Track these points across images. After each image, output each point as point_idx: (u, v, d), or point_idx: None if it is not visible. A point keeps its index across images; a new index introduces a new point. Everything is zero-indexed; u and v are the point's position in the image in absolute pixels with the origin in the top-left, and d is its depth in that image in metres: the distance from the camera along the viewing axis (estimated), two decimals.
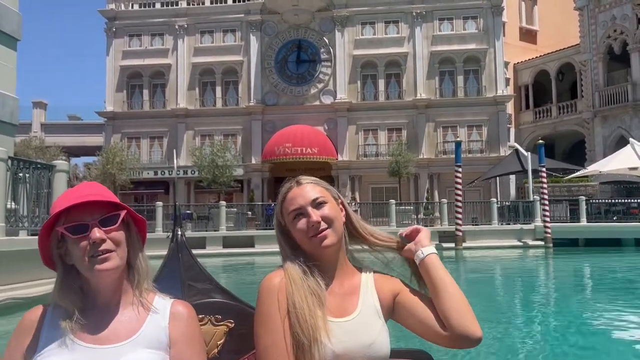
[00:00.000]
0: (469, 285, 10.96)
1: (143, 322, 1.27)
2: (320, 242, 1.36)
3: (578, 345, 5.37)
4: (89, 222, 1.22)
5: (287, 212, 1.41)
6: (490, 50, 30.50)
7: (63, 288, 1.25)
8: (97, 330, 1.23)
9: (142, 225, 1.34)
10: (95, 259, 1.21)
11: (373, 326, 1.35)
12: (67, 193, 1.27)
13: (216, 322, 1.60)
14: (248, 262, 17.17)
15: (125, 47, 32.02)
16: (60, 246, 1.25)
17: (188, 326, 1.29)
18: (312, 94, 31.06)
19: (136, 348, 1.22)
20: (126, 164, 24.87)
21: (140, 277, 1.31)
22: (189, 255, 1.82)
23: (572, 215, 22.16)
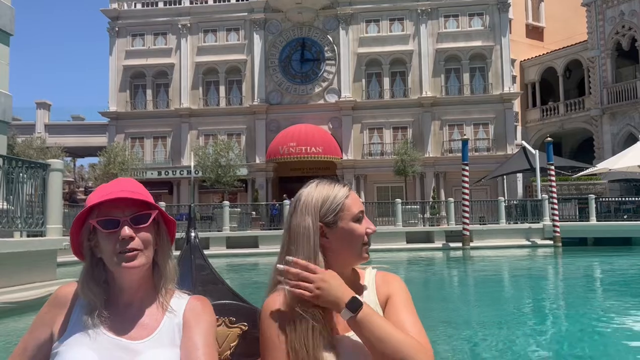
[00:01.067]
0: (477, 287, 10.68)
1: (161, 320, 1.28)
2: (366, 255, 1.37)
3: (591, 349, 5.19)
4: (121, 218, 1.23)
5: (350, 212, 1.37)
6: (497, 47, 30.14)
7: (88, 280, 1.26)
8: (120, 325, 1.25)
9: (172, 226, 1.34)
10: (123, 256, 1.22)
11: None
12: (103, 187, 1.29)
13: (230, 324, 1.60)
14: (252, 262, 16.94)
15: (128, 47, 31.87)
16: (91, 238, 1.26)
17: (200, 315, 1.30)
18: (316, 93, 30.80)
19: (154, 346, 1.23)
20: (128, 164, 24.67)
21: (166, 278, 1.31)
22: (202, 258, 1.85)
23: (581, 214, 21.80)
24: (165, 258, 1.32)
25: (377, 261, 1.45)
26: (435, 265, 16.32)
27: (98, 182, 25.54)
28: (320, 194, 1.38)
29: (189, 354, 1.25)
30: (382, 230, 21.13)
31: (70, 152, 37.47)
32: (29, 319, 5.79)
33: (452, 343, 5.32)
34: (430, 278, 12.97)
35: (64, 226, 16.31)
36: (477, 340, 5.55)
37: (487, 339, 5.57)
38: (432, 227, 22.18)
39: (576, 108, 31.65)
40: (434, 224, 22.86)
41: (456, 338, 5.59)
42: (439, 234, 20.84)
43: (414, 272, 14.19)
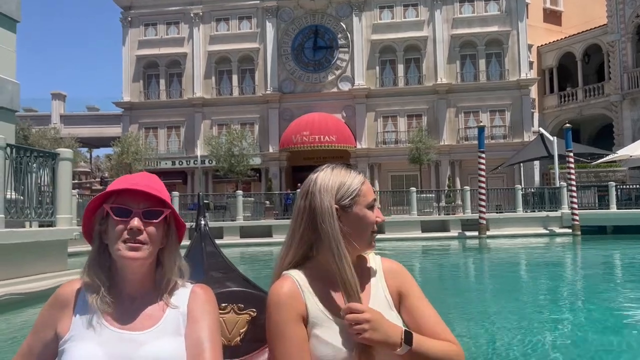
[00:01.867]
0: (494, 277, 10.44)
1: (165, 311, 1.29)
2: (374, 241, 1.39)
3: (615, 343, 4.95)
4: (134, 209, 1.26)
5: (365, 199, 1.37)
6: (514, 32, 29.53)
7: (94, 264, 1.29)
8: (123, 318, 1.26)
9: (182, 229, 1.36)
10: (126, 245, 1.24)
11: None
12: (125, 177, 1.33)
13: (239, 311, 1.61)
14: (266, 252, 16.85)
15: (141, 37, 31.80)
16: (102, 223, 1.28)
17: (203, 303, 1.32)
18: (329, 81, 30.50)
19: (159, 336, 1.25)
20: (142, 154, 24.67)
21: (169, 278, 1.32)
22: (212, 245, 1.88)
23: (601, 202, 21.37)
24: (170, 258, 1.33)
25: (393, 250, 1.27)
26: (452, 255, 16.10)
27: (112, 172, 25.61)
28: (337, 177, 1.38)
29: (195, 345, 1.26)
30: (397, 220, 20.95)
31: (86, 143, 37.68)
32: (37, 311, 5.72)
33: (473, 337, 5.13)
34: (446, 268, 12.76)
35: (77, 216, 16.38)
36: (497, 332, 5.38)
37: (507, 331, 5.38)
38: (447, 215, 21.90)
39: (595, 94, 30.98)
40: (449, 213, 22.58)
41: (478, 331, 5.40)
42: (455, 222, 20.57)
43: (430, 262, 13.99)
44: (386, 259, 1.46)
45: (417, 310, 1.36)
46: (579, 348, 4.78)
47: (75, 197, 16.04)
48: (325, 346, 1.26)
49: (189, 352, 1.26)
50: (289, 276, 1.34)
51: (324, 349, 1.26)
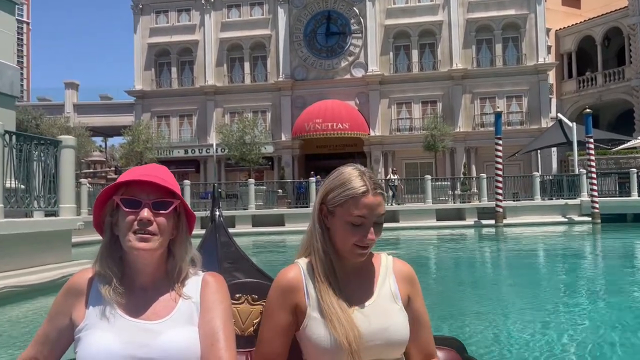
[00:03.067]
0: (512, 268, 10.07)
1: (178, 300, 1.29)
2: (361, 256, 1.37)
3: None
4: (144, 200, 1.26)
5: (349, 212, 1.35)
6: (531, 15, 28.78)
7: (105, 256, 1.30)
8: (137, 308, 1.27)
9: (192, 220, 1.36)
10: (136, 236, 1.24)
11: (389, 311, 1.36)
12: (134, 169, 1.33)
13: (253, 302, 1.62)
14: (278, 241, 16.68)
15: (152, 24, 31.59)
16: (113, 215, 1.29)
17: (215, 292, 1.32)
18: (342, 67, 30.06)
19: (173, 326, 1.25)
20: (153, 142, 24.52)
21: (181, 269, 1.32)
22: (227, 236, 1.90)
23: (621, 189, 20.81)
24: (181, 249, 1.33)
25: (408, 239, 1.02)
26: (468, 244, 15.75)
27: (123, 160, 25.55)
28: (342, 179, 1.39)
29: (209, 335, 1.27)
30: (412, 208, 20.62)
31: (100, 132, 37.72)
32: (41, 302, 5.50)
33: (492, 333, 4.83)
34: (463, 259, 12.43)
35: (89, 205, 16.30)
36: (513, 331, 5.02)
37: (524, 330, 5.03)
38: (463, 204, 21.48)
39: (615, 78, 30.16)
40: (465, 201, 22.16)
41: (494, 331, 5.09)
42: (471, 211, 20.17)
43: (445, 252, 13.67)
44: (398, 260, 1.48)
45: (418, 315, 1.43)
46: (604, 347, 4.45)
47: (87, 187, 15.97)
48: (321, 327, 1.31)
49: (202, 341, 1.26)
50: (297, 264, 1.41)
51: (321, 331, 1.31)
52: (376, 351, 1.32)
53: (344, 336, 1.28)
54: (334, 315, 1.31)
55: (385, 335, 1.33)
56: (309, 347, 1.34)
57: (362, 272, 1.42)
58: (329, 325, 1.30)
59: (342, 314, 1.31)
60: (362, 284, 1.41)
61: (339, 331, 1.29)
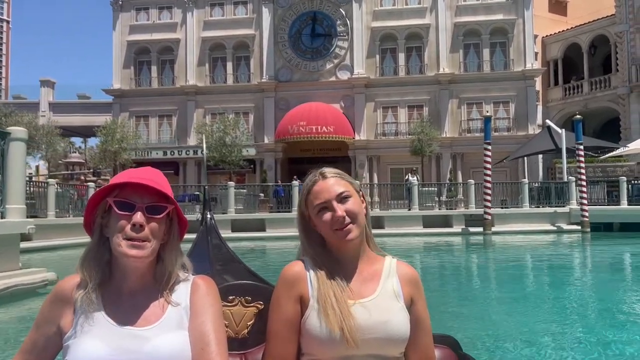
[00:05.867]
0: (501, 282, 9.44)
1: (167, 306, 1.28)
2: (345, 235, 1.40)
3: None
4: (137, 203, 1.25)
5: (312, 205, 1.44)
6: (519, 21, 28.51)
7: (90, 257, 1.28)
8: (126, 314, 1.25)
9: (184, 226, 1.35)
10: (128, 242, 1.23)
11: (391, 307, 1.38)
12: (129, 171, 1.31)
13: (246, 304, 1.62)
14: (259, 247, 15.93)
15: (132, 22, 30.65)
16: (104, 216, 1.28)
17: (205, 295, 1.31)
18: (327, 70, 29.43)
19: (163, 331, 1.24)
20: (128, 141, 23.51)
21: (170, 275, 1.31)
22: (218, 238, 1.93)
23: (609, 198, 20.45)
24: (171, 254, 1.31)
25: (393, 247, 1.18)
26: (456, 252, 15.16)
27: (95, 160, 24.51)
28: (307, 180, 1.48)
29: (200, 338, 1.25)
30: (397, 214, 20.01)
31: (77, 133, 36.54)
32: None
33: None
34: (455, 266, 11.81)
35: (56, 207, 15.36)
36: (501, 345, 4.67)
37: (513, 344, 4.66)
38: (450, 210, 20.92)
39: (601, 86, 30.01)
40: (451, 208, 21.61)
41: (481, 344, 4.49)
42: (458, 218, 19.62)
43: (432, 260, 13.05)
44: (402, 262, 1.49)
45: (420, 318, 1.43)
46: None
47: (54, 187, 15.11)
48: (319, 317, 1.33)
49: (193, 345, 1.25)
50: (301, 260, 1.46)
51: (318, 321, 1.33)
52: (376, 345, 1.33)
53: (336, 324, 1.30)
54: (328, 303, 1.33)
55: (385, 329, 1.34)
56: (308, 339, 1.35)
57: (365, 271, 1.44)
58: (322, 313, 1.32)
59: (337, 303, 1.33)
60: (365, 281, 1.43)
61: (331, 319, 1.31)
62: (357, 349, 1.30)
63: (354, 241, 1.41)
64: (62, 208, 15.82)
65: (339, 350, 1.31)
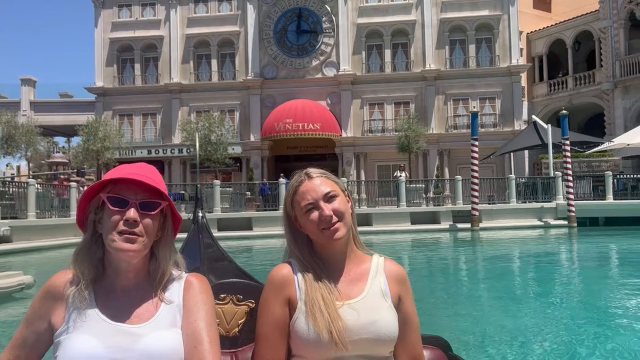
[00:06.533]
0: (489, 279, 9.36)
1: (161, 303, 1.27)
2: (332, 234, 1.39)
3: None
4: (131, 199, 1.24)
5: (298, 206, 1.44)
6: (504, 17, 28.56)
7: (83, 253, 1.27)
8: (119, 311, 1.24)
9: (178, 223, 1.34)
10: (121, 236, 1.22)
11: (378, 307, 1.38)
12: (123, 167, 1.30)
13: (238, 302, 1.62)
14: (245, 246, 15.72)
15: (115, 19, 30.17)
16: (97, 212, 1.27)
17: (198, 293, 1.30)
18: (313, 66, 29.23)
19: (156, 328, 1.23)
20: (111, 140, 23.10)
21: (164, 272, 1.30)
22: (210, 237, 1.94)
23: (595, 192, 20.55)
24: (165, 251, 1.30)
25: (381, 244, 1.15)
26: (446, 249, 15.10)
27: (77, 160, 24.07)
28: (292, 181, 1.48)
29: (192, 336, 1.24)
30: (385, 211, 19.90)
31: (60, 132, 35.92)
32: None
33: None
34: (445, 262, 11.73)
35: (37, 208, 15.00)
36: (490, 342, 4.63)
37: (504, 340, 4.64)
38: (438, 207, 20.85)
39: (586, 82, 30.18)
40: (438, 204, 21.56)
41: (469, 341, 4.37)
42: (446, 214, 19.56)
43: (423, 256, 12.95)
44: (389, 260, 1.49)
45: (408, 316, 1.43)
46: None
47: (35, 187, 14.76)
48: (307, 320, 1.33)
49: (186, 343, 1.24)
50: (289, 262, 1.45)
51: (306, 323, 1.32)
52: (365, 346, 1.33)
53: (324, 327, 1.29)
54: (316, 306, 1.32)
55: (373, 330, 1.34)
56: (297, 341, 1.34)
57: (352, 271, 1.44)
58: (310, 316, 1.32)
59: (325, 305, 1.32)
60: (352, 281, 1.42)
61: (319, 322, 1.30)
62: (346, 351, 1.30)
63: (341, 240, 1.41)
64: (43, 209, 15.47)
65: (328, 353, 1.30)
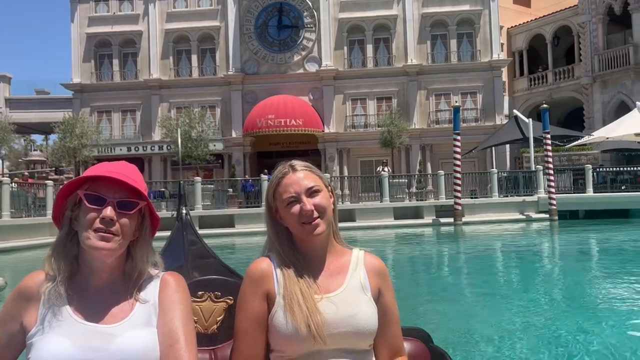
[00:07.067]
0: (472, 273, 9.33)
1: (136, 303, 1.26)
2: (312, 230, 1.38)
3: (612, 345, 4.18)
4: (108, 198, 1.22)
5: (280, 198, 1.42)
6: (485, 11, 28.64)
7: (59, 250, 1.25)
8: (92, 311, 1.22)
9: (156, 223, 1.33)
10: (97, 234, 1.20)
11: (357, 300, 1.38)
12: (103, 165, 1.28)
13: (216, 299, 1.61)
14: (227, 243, 15.54)
15: (92, 13, 29.56)
16: (74, 209, 1.25)
17: (174, 292, 1.29)
18: (295, 62, 29.01)
19: (130, 328, 1.21)
20: (88, 137, 22.62)
21: (141, 272, 1.28)
22: (194, 234, 1.92)
23: (575, 186, 20.76)
24: (142, 251, 1.29)
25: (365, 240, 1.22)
26: (428, 243, 15.09)
27: (53, 158, 23.55)
28: (270, 179, 1.46)
29: (168, 335, 1.23)
30: (368, 207, 19.85)
31: (36, 130, 35.22)
32: None
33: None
34: (427, 256, 11.69)
35: (12, 207, 14.59)
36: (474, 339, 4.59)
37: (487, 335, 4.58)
38: (421, 201, 20.86)
39: (565, 76, 30.49)
40: (421, 199, 21.57)
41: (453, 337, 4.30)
42: (429, 209, 19.58)
43: (407, 251, 12.91)
44: (370, 255, 1.48)
45: (387, 309, 1.43)
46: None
47: (9, 186, 14.36)
48: (286, 314, 1.32)
49: (162, 342, 1.22)
50: (267, 256, 1.43)
51: (285, 317, 1.31)
52: (344, 339, 1.32)
53: (302, 321, 1.29)
54: (294, 300, 1.32)
55: (352, 323, 1.33)
56: (276, 336, 1.33)
57: (332, 265, 1.43)
58: (288, 311, 1.31)
59: (303, 299, 1.32)
60: (332, 275, 1.41)
61: (297, 316, 1.29)
62: (325, 345, 1.29)
63: (321, 236, 1.40)
64: (18, 208, 15.06)
65: (307, 347, 1.30)
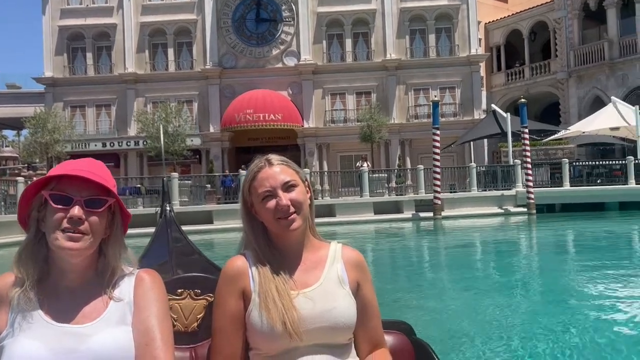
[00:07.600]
0: (452, 267, 9.30)
1: (110, 301, 1.23)
2: (288, 225, 1.37)
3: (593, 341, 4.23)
4: (75, 197, 1.19)
5: (255, 192, 1.40)
6: (463, 6, 28.75)
7: (27, 253, 1.22)
8: (64, 312, 1.20)
9: (127, 219, 1.30)
10: (65, 235, 1.17)
11: (335, 294, 1.36)
12: (68, 163, 1.25)
13: (195, 297, 1.59)
14: (205, 240, 15.25)
15: (64, 5, 28.82)
16: (40, 210, 1.21)
17: (149, 290, 1.26)
18: (274, 56, 28.73)
19: (104, 327, 1.19)
20: (61, 132, 22.04)
21: (114, 270, 1.26)
22: (178, 231, 1.96)
23: (552, 180, 20.97)
24: (114, 249, 1.26)
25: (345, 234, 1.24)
26: (408, 238, 15.07)
27: (25, 153, 22.95)
28: (250, 167, 1.44)
29: (144, 333, 1.20)
30: (348, 202, 19.75)
31: (7, 125, 34.33)
32: None
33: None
34: (405, 253, 11.63)
35: None
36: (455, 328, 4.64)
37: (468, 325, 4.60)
38: (401, 196, 20.84)
39: (542, 71, 30.80)
40: (401, 194, 21.56)
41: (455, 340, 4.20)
42: (408, 203, 19.56)
43: (384, 246, 12.85)
44: (348, 248, 1.46)
45: (367, 302, 1.42)
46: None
47: None
48: (261, 311, 1.31)
49: (137, 341, 1.20)
50: (243, 254, 1.41)
51: (260, 315, 1.30)
52: (321, 334, 1.31)
53: (278, 318, 1.28)
54: (269, 297, 1.31)
55: (329, 317, 1.32)
56: (253, 334, 1.32)
57: (309, 259, 1.42)
58: (263, 308, 1.30)
59: (279, 296, 1.31)
60: (309, 270, 1.40)
61: (272, 314, 1.28)
62: (301, 341, 1.28)
63: (297, 231, 1.38)
64: None
65: (283, 344, 1.28)
